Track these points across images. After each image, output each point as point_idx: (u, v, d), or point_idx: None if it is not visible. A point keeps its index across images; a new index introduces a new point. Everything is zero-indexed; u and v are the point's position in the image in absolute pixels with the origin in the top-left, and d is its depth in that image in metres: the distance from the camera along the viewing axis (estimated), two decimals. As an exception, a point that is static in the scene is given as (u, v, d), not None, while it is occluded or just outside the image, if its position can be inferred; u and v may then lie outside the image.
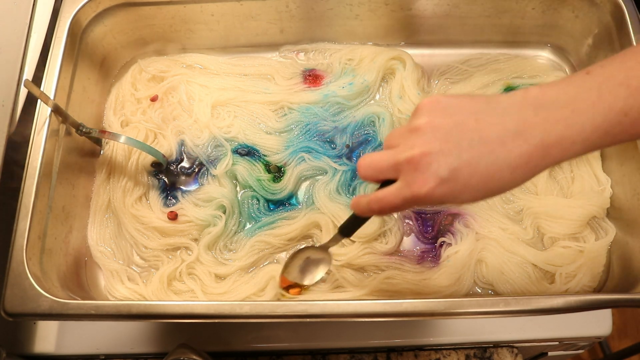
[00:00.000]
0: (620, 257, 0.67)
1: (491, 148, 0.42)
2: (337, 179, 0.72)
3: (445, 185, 0.42)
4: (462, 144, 0.42)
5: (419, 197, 0.43)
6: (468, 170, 0.42)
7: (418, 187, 0.43)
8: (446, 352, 0.72)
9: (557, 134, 0.41)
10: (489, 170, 0.42)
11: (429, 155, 0.42)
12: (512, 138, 0.42)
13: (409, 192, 0.44)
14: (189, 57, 0.82)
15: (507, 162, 0.42)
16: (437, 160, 0.42)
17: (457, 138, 0.42)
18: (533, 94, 0.43)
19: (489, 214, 0.69)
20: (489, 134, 0.42)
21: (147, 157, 0.74)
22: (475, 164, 0.42)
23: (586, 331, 0.71)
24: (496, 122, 0.42)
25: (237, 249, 0.69)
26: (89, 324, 0.71)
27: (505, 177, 0.42)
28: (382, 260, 0.67)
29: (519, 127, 0.42)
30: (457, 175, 0.42)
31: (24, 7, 0.69)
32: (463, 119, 0.43)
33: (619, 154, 0.71)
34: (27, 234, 0.58)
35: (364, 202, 0.49)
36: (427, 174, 0.42)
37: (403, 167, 0.44)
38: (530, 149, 0.41)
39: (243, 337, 0.71)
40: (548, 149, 0.42)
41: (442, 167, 0.42)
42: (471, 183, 0.42)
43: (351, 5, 0.78)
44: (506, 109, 0.43)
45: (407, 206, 0.46)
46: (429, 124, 0.44)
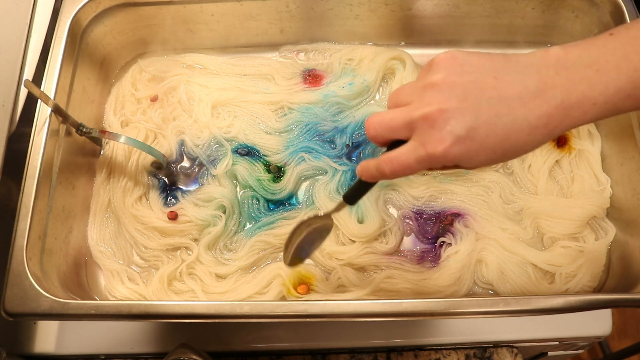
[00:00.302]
0: (620, 257, 0.67)
1: (510, 107, 0.40)
2: (337, 179, 0.72)
3: (462, 144, 0.41)
4: (481, 102, 0.41)
5: (435, 156, 0.41)
6: (485, 129, 0.40)
7: (433, 145, 0.41)
8: (446, 352, 0.72)
9: (578, 94, 0.40)
10: (506, 130, 0.41)
11: (446, 113, 0.41)
12: (532, 97, 0.40)
13: (424, 151, 0.42)
14: (189, 57, 0.82)
15: (526, 122, 0.40)
16: (454, 118, 0.40)
17: (475, 96, 0.41)
18: (554, 53, 0.41)
19: (489, 214, 0.70)
20: (509, 93, 0.41)
21: (147, 157, 0.74)
22: (493, 123, 0.40)
23: (586, 331, 0.71)
24: (516, 80, 0.41)
25: (237, 249, 0.69)
26: (89, 324, 0.71)
27: (523, 138, 0.41)
28: (382, 260, 0.67)
29: (539, 86, 0.40)
30: (474, 134, 0.41)
31: (24, 7, 0.69)
32: (481, 76, 0.41)
33: (619, 154, 0.71)
34: (27, 234, 0.59)
35: (373, 165, 0.46)
36: (444, 132, 0.41)
37: (418, 124, 0.42)
38: (551, 109, 0.40)
39: (243, 337, 0.71)
40: (569, 110, 0.40)
41: (459, 125, 0.40)
42: (488, 142, 0.41)
43: (351, 5, 0.78)
44: (526, 67, 0.41)
45: (421, 167, 0.43)
46: (446, 81, 0.42)
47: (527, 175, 0.72)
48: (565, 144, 0.74)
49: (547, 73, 0.41)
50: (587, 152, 0.73)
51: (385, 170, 0.45)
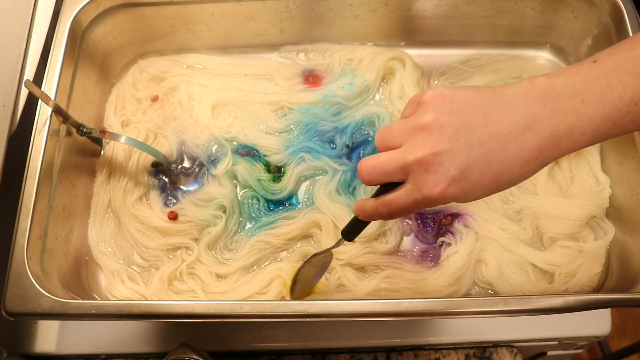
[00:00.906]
0: (620, 256, 0.67)
1: (502, 144, 0.41)
2: (337, 179, 0.72)
3: (457, 185, 0.42)
4: (472, 142, 0.41)
5: (431, 199, 0.43)
6: (479, 168, 0.42)
7: (429, 188, 0.42)
8: (446, 351, 0.72)
9: (566, 126, 0.41)
10: (500, 166, 0.42)
11: (439, 155, 0.41)
12: (522, 132, 0.41)
13: (420, 195, 0.43)
14: (189, 58, 0.82)
15: (518, 156, 0.41)
16: (447, 160, 0.41)
17: (466, 136, 0.41)
18: (539, 84, 0.42)
19: (488, 214, 0.70)
20: (499, 129, 0.41)
21: (147, 157, 0.74)
22: (486, 161, 0.41)
23: (585, 331, 0.71)
24: (505, 116, 0.42)
25: (238, 249, 0.70)
26: (90, 324, 0.71)
27: (516, 172, 0.42)
28: (382, 260, 0.67)
29: (528, 121, 0.41)
30: (468, 174, 0.42)
31: (24, 7, 0.69)
32: (471, 114, 0.42)
33: (618, 154, 0.71)
34: (28, 234, 0.59)
35: (370, 207, 0.47)
36: (439, 174, 0.42)
37: (412, 168, 0.43)
38: (541, 142, 0.41)
39: (243, 336, 0.71)
40: (558, 141, 0.41)
41: (453, 166, 0.41)
42: (483, 180, 0.42)
43: (351, 6, 0.78)
44: (513, 101, 0.42)
45: (418, 208, 0.45)
46: (436, 122, 0.42)
47: (527, 175, 0.72)
48: (564, 144, 0.74)
49: (534, 106, 0.42)
50: (586, 152, 0.73)
51: (383, 213, 0.46)
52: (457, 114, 0.42)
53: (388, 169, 0.45)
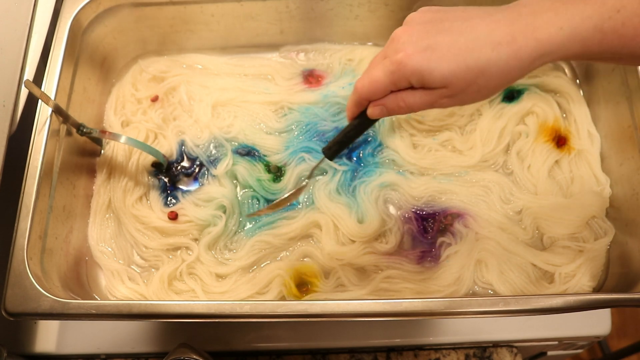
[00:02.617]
0: (620, 256, 0.67)
1: (474, 26, 0.43)
2: (337, 179, 0.72)
3: (422, 54, 0.43)
4: (445, 22, 0.43)
5: (397, 64, 0.43)
6: (447, 41, 0.42)
7: (396, 53, 0.44)
8: (446, 351, 0.72)
9: (544, 19, 0.42)
10: (467, 43, 0.42)
11: (410, 29, 0.44)
12: (496, 19, 0.43)
13: (389, 62, 0.44)
14: (189, 58, 0.82)
15: (489, 37, 0.42)
16: (417, 33, 0.43)
17: (441, 18, 0.44)
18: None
19: (488, 214, 0.70)
20: (473, 15, 0.43)
21: (147, 157, 0.74)
22: (455, 38, 0.42)
23: (585, 331, 0.71)
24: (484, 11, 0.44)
25: (238, 249, 0.70)
26: (90, 324, 0.71)
27: (486, 53, 0.42)
28: (382, 260, 0.67)
29: (505, 14, 0.43)
30: (435, 45, 0.43)
31: (24, 7, 0.69)
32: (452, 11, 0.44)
33: (618, 154, 0.71)
34: (28, 234, 0.59)
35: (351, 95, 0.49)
36: (407, 44, 0.43)
37: (388, 47, 0.45)
38: (514, 29, 0.42)
39: (243, 336, 0.71)
40: (533, 31, 0.42)
41: (421, 39, 0.43)
42: (450, 54, 0.42)
43: (351, 6, 0.78)
44: (497, 9, 0.44)
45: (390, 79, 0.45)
46: (417, 17, 0.45)
47: (527, 175, 0.72)
48: (564, 144, 0.74)
49: (514, 9, 0.43)
50: (586, 152, 0.73)
51: (358, 85, 0.47)
52: (440, 13, 0.45)
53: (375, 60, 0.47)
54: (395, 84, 0.45)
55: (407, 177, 0.72)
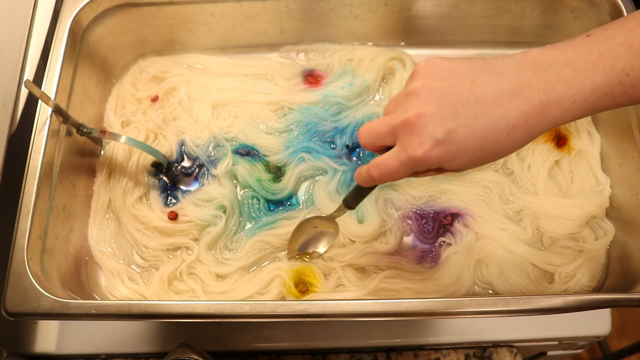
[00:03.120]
0: (620, 256, 0.67)
1: (487, 108, 0.41)
2: (337, 179, 0.72)
3: (441, 147, 0.42)
4: (458, 106, 0.42)
5: (416, 160, 0.43)
6: (464, 132, 0.42)
7: (414, 149, 0.43)
8: (446, 351, 0.72)
9: (556, 94, 0.41)
10: (484, 131, 0.41)
11: (424, 117, 0.42)
12: (509, 98, 0.41)
13: (405, 155, 0.43)
14: (189, 58, 0.82)
15: (504, 122, 0.41)
16: (432, 122, 0.42)
17: (452, 100, 0.42)
18: (532, 55, 0.42)
19: (488, 214, 0.70)
20: (485, 94, 0.42)
21: (147, 157, 0.74)
22: (471, 125, 0.41)
23: (585, 331, 0.71)
24: (492, 82, 0.42)
25: (238, 249, 0.70)
26: (90, 324, 0.71)
27: (502, 139, 0.42)
28: (382, 260, 0.67)
29: (516, 87, 0.41)
30: (452, 137, 0.42)
31: (24, 7, 0.69)
32: (459, 81, 0.43)
33: (618, 154, 0.71)
34: (28, 234, 0.59)
35: (364, 170, 0.48)
36: (423, 136, 0.42)
37: (399, 130, 0.44)
38: (528, 109, 0.41)
39: (243, 336, 0.71)
40: (547, 109, 0.41)
41: (437, 128, 0.42)
42: (467, 145, 0.42)
43: (351, 6, 0.78)
44: (504, 69, 0.42)
45: (405, 170, 0.45)
46: (424, 87, 0.43)
47: (527, 175, 0.72)
48: (564, 144, 0.74)
49: (524, 74, 0.42)
50: (586, 152, 0.73)
51: (374, 175, 0.47)
52: (445, 80, 0.43)
53: (380, 130, 0.46)
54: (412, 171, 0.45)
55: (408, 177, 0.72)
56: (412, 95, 0.44)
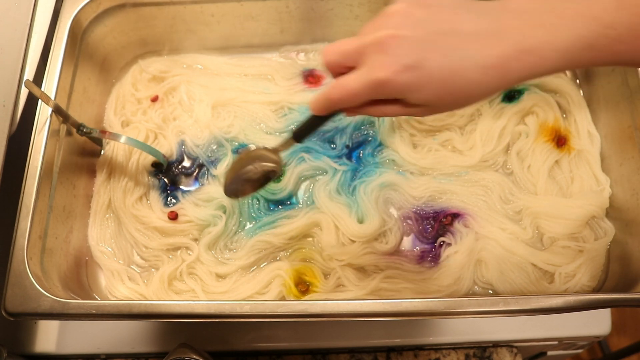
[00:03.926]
0: (620, 256, 0.67)
1: (463, 42, 0.40)
2: (337, 178, 0.72)
3: (409, 73, 0.39)
4: (434, 34, 0.40)
5: (380, 82, 0.40)
6: (438, 61, 0.40)
7: (380, 69, 0.40)
8: (446, 351, 0.72)
9: (536, 39, 0.39)
10: (456, 64, 0.40)
11: (397, 39, 0.40)
12: (487, 36, 0.40)
13: (370, 76, 0.41)
14: (189, 58, 0.82)
15: (479, 58, 0.39)
16: (405, 45, 0.40)
17: (429, 27, 0.40)
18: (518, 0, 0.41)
19: (488, 214, 0.70)
20: (464, 28, 0.40)
21: (147, 158, 0.74)
22: (444, 55, 0.40)
23: (585, 331, 0.71)
24: (474, 19, 0.40)
25: (238, 249, 0.70)
26: (90, 324, 0.71)
27: (475, 78, 0.40)
28: (382, 260, 0.67)
29: (496, 27, 0.40)
30: (424, 63, 0.39)
31: (24, 7, 0.69)
32: (440, 10, 0.41)
33: (618, 154, 0.71)
34: (28, 234, 0.59)
35: (322, 94, 0.45)
36: (393, 57, 0.40)
37: (369, 49, 0.41)
38: (505, 50, 0.39)
39: (243, 336, 0.71)
40: (525, 54, 0.39)
41: (410, 52, 0.39)
42: (437, 75, 0.40)
43: (351, 6, 0.78)
44: (487, 9, 0.41)
45: (367, 93, 0.42)
46: (404, 10, 0.41)
47: (527, 175, 0.72)
48: (564, 144, 0.74)
49: (505, 15, 0.40)
50: (586, 152, 0.73)
51: (333, 96, 0.43)
52: (427, 8, 0.41)
53: (347, 48, 0.43)
54: (374, 97, 0.43)
55: (407, 177, 0.72)
56: (389, 17, 0.41)
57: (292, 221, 0.70)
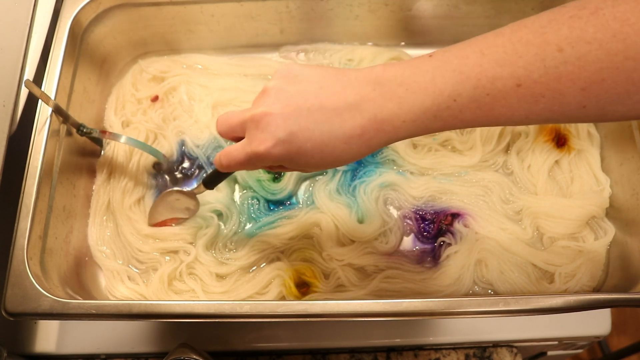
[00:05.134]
0: (620, 256, 0.67)
1: (328, 116, 0.44)
2: (337, 179, 0.72)
3: (282, 146, 0.45)
4: (302, 110, 0.44)
5: (258, 154, 0.46)
6: (305, 135, 0.44)
7: (257, 144, 0.46)
8: (446, 351, 0.72)
9: (389, 111, 0.43)
10: (323, 137, 0.44)
11: (269, 116, 0.45)
12: (348, 109, 0.44)
13: (250, 149, 0.47)
14: (189, 58, 0.82)
15: (341, 131, 0.44)
16: (276, 122, 0.45)
17: (298, 103, 0.45)
18: (376, 71, 0.45)
19: (488, 214, 0.70)
20: (328, 103, 0.44)
21: (148, 159, 0.74)
22: (311, 129, 0.44)
23: (585, 331, 0.71)
24: (337, 92, 0.44)
25: (238, 249, 0.70)
26: (90, 324, 0.71)
27: (340, 147, 0.44)
28: (382, 260, 0.67)
29: (356, 100, 0.44)
30: (293, 138, 0.44)
31: (24, 7, 0.69)
32: (308, 86, 0.45)
33: (618, 154, 0.71)
34: (28, 234, 0.59)
35: (217, 156, 0.52)
36: (266, 133, 0.45)
37: (248, 124, 0.47)
38: (364, 122, 0.43)
39: (243, 336, 0.71)
40: (381, 124, 0.43)
41: (280, 128, 0.44)
42: (307, 147, 0.44)
43: (351, 6, 0.78)
44: (350, 81, 0.45)
45: (250, 163, 0.48)
46: (276, 88, 0.46)
47: (527, 175, 0.72)
48: (564, 144, 0.74)
49: (365, 88, 0.44)
50: (586, 152, 0.73)
51: (223, 162, 0.51)
52: (296, 85, 0.46)
53: (232, 122, 0.49)
54: (256, 166, 0.49)
55: (407, 177, 0.72)
56: (264, 94, 0.47)
57: (292, 221, 0.70)
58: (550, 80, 0.39)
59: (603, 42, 0.37)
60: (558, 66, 0.38)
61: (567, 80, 0.38)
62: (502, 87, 0.40)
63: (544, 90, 0.39)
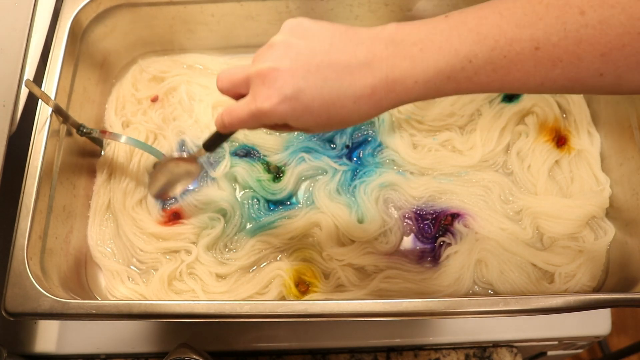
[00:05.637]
0: (620, 256, 0.67)
1: (337, 74, 0.42)
2: (337, 179, 0.72)
3: (288, 104, 0.43)
4: (311, 66, 0.43)
5: (262, 112, 0.44)
6: (312, 92, 0.42)
7: (262, 100, 0.44)
8: (446, 351, 0.72)
9: (401, 71, 0.42)
10: (332, 95, 0.42)
11: (277, 71, 0.43)
12: (359, 68, 0.42)
13: (254, 106, 0.44)
14: (189, 58, 0.82)
15: (351, 90, 0.42)
16: (283, 78, 0.43)
17: (307, 59, 0.43)
18: (389, 29, 0.43)
19: (488, 214, 0.70)
20: (338, 60, 0.42)
21: (149, 159, 0.74)
22: (319, 87, 0.42)
23: (585, 331, 0.71)
24: (348, 50, 0.43)
25: (238, 249, 0.70)
26: (90, 324, 0.71)
27: (348, 106, 0.43)
28: (382, 260, 0.67)
29: (367, 59, 0.42)
30: (300, 95, 0.43)
31: (24, 7, 0.69)
32: (318, 42, 0.43)
33: (618, 154, 0.71)
34: (28, 234, 0.59)
35: (219, 116, 0.49)
36: (272, 89, 0.43)
37: (252, 80, 0.45)
38: (375, 81, 0.42)
39: (243, 336, 0.71)
40: (392, 84, 0.42)
41: (287, 84, 0.43)
42: (313, 106, 0.43)
43: (351, 6, 0.78)
44: (362, 40, 0.43)
45: (255, 121, 0.46)
46: (284, 42, 0.44)
47: (527, 175, 0.72)
48: (564, 144, 0.74)
49: (377, 46, 0.42)
50: (586, 152, 0.73)
51: (225, 121, 0.48)
52: (305, 40, 0.44)
53: (235, 78, 0.47)
54: (261, 123, 0.46)
55: (407, 177, 0.72)
56: (271, 49, 0.45)
57: (292, 221, 0.70)
58: (569, 44, 0.37)
59: (626, 5, 0.35)
60: (579, 29, 0.37)
61: (587, 44, 0.37)
62: (520, 49, 0.39)
63: (562, 54, 0.38)
